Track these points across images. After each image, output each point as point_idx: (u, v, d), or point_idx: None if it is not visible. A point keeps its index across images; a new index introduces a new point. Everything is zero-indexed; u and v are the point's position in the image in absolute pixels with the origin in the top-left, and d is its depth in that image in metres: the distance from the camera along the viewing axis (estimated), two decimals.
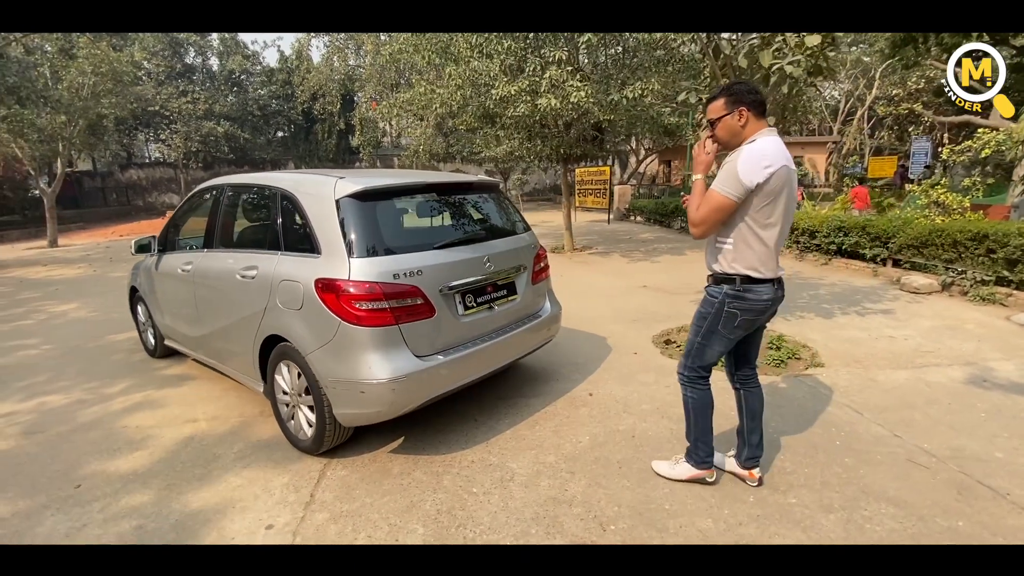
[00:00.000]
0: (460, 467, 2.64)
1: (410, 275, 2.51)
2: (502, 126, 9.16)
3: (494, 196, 3.34)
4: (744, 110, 2.02)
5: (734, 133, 2.06)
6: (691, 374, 2.30)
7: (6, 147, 12.55)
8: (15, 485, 2.61)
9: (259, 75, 22.81)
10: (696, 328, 2.23)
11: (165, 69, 20.06)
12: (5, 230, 15.66)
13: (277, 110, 22.65)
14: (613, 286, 6.78)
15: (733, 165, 1.97)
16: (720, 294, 2.13)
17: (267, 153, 23.43)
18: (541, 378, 3.75)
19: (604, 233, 13.09)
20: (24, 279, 9.12)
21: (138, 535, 2.21)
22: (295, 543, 2.13)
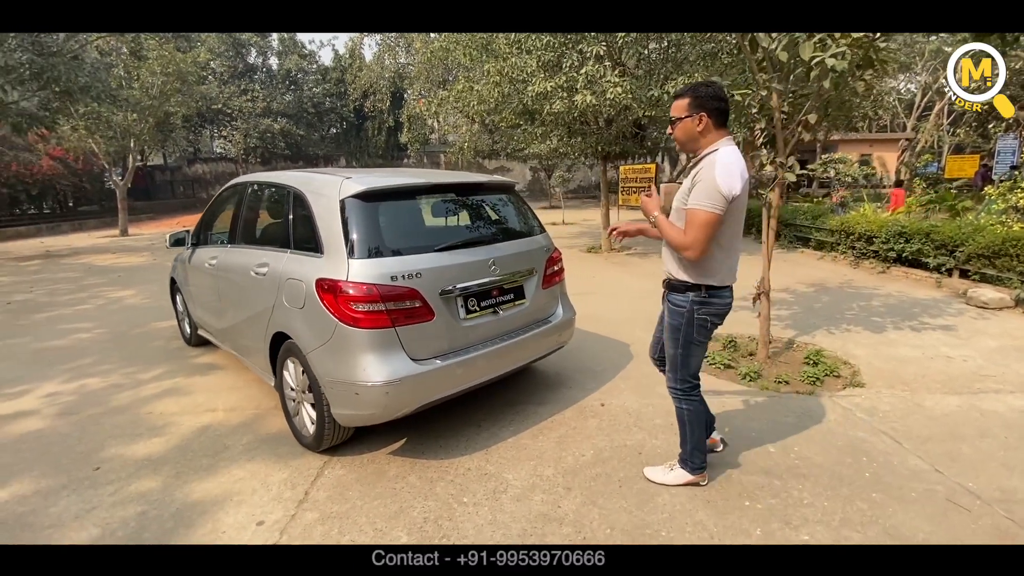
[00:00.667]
0: (455, 474, 2.59)
1: (408, 277, 2.47)
2: (541, 123, 9.04)
3: (507, 197, 3.26)
4: (704, 116, 1.99)
5: (691, 137, 2.05)
6: (683, 386, 2.29)
7: (84, 143, 13.61)
8: (42, 464, 2.78)
9: (314, 74, 23.67)
10: (674, 341, 2.21)
11: (228, 69, 21.20)
12: (84, 219, 17.06)
13: (330, 108, 23.44)
14: (646, 289, 6.54)
15: (711, 180, 1.91)
16: (687, 302, 2.13)
17: (320, 149, 24.32)
18: (553, 384, 3.64)
19: None
20: (92, 265, 9.86)
21: (140, 522, 2.29)
22: (281, 542, 2.15)
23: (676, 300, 2.16)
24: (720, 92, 2.04)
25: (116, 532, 2.22)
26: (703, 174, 1.96)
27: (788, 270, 7.57)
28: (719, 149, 1.99)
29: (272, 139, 21.65)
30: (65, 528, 2.26)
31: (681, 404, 2.30)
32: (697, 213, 1.93)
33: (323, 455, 2.78)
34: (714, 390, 3.49)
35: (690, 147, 2.10)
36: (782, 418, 3.09)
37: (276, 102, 22.00)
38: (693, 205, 1.95)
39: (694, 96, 2.01)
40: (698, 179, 1.96)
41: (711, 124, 2.01)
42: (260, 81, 23.07)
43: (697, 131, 2.02)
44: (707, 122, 2.00)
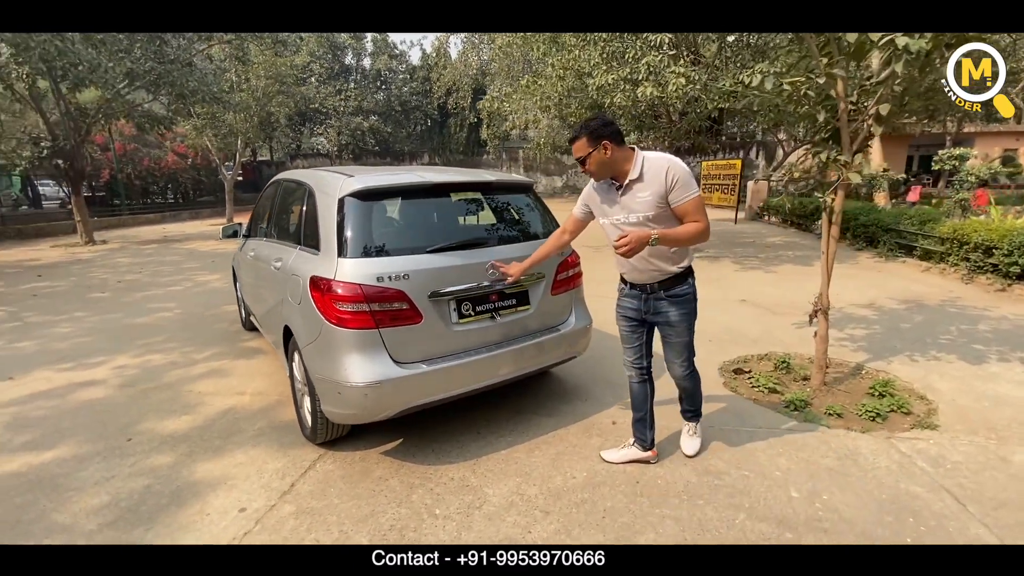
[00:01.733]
0: (437, 482, 2.52)
1: (395, 279, 2.43)
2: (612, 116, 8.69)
3: (520, 197, 3.12)
4: (607, 143, 2.17)
5: (605, 164, 2.22)
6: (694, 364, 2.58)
7: (200, 140, 15.27)
8: (88, 431, 3.10)
9: (403, 73, 24.73)
10: (689, 328, 2.45)
11: (327, 70, 22.78)
12: (200, 208, 19.23)
13: (416, 106, 24.37)
14: (707, 297, 5.97)
15: (685, 172, 2.16)
16: (691, 285, 2.40)
17: (406, 146, 25.41)
18: (567, 395, 3.45)
19: (725, 235, 11.82)
20: (195, 251, 11.04)
21: (142, 495, 2.47)
22: (254, 531, 2.20)
23: (681, 291, 2.36)
24: (607, 118, 2.25)
25: (120, 503, 2.41)
26: (676, 172, 2.15)
27: (880, 281, 6.64)
28: (647, 155, 2.22)
29: (362, 136, 22.96)
30: (83, 493, 2.49)
31: (695, 377, 2.60)
32: (694, 199, 2.16)
33: (321, 448, 2.84)
34: (747, 418, 3.11)
35: (606, 174, 2.27)
36: (819, 458, 2.67)
37: (367, 101, 23.29)
38: (688, 196, 2.15)
39: (588, 132, 2.19)
40: (675, 178, 2.14)
41: (614, 146, 2.18)
42: (355, 81, 24.53)
43: (607, 157, 2.19)
44: (611, 147, 2.18)
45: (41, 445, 2.94)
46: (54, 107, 10.88)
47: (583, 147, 2.21)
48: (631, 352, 2.57)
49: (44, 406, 3.45)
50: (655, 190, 2.16)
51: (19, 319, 5.69)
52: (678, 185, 2.14)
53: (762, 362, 4.03)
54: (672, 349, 2.48)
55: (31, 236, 13.22)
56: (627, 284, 2.48)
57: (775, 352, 4.18)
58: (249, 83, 14.95)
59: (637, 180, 2.20)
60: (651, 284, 2.36)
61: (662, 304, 2.38)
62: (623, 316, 2.52)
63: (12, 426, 3.17)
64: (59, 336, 5.03)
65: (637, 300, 2.44)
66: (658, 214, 2.19)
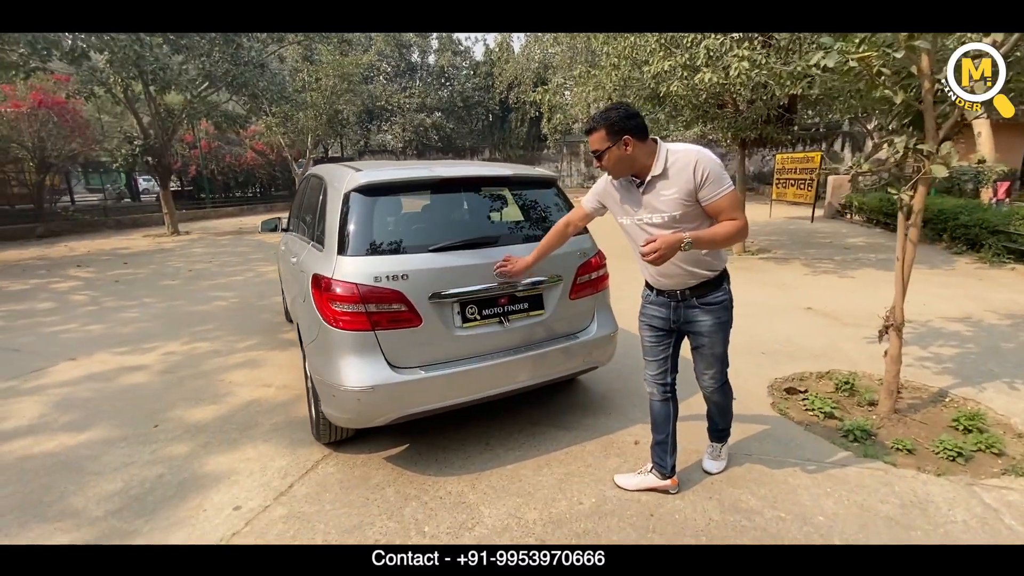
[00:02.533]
0: (433, 496, 2.38)
1: (393, 279, 2.30)
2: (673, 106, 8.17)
3: (540, 193, 2.89)
4: (628, 138, 1.93)
5: (624, 162, 1.98)
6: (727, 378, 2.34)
7: (274, 137, 16.17)
8: (123, 415, 3.25)
9: (466, 69, 24.94)
10: (724, 338, 2.22)
11: (394, 68, 23.43)
12: (275, 202, 20.46)
13: (478, 101, 24.53)
14: (767, 304, 5.51)
15: (717, 166, 1.92)
16: (727, 291, 2.18)
17: (468, 141, 25.66)
18: (592, 408, 3.20)
19: (799, 233, 10.89)
20: (263, 242, 11.67)
21: (153, 484, 2.52)
22: (243, 531, 2.17)
23: (716, 298, 2.14)
24: (630, 109, 1.97)
25: (130, 491, 2.47)
26: (706, 166, 1.90)
27: (980, 291, 5.76)
28: (671, 148, 1.97)
29: (425, 132, 23.43)
30: (102, 478, 2.58)
31: (727, 392, 2.37)
32: (729, 195, 1.92)
33: (327, 448, 2.79)
34: (793, 447, 2.72)
35: (624, 172, 2.03)
36: (877, 503, 2.26)
37: (430, 98, 23.73)
38: (721, 192, 1.91)
39: (606, 125, 1.93)
40: (705, 173, 1.90)
41: (636, 142, 1.94)
42: (420, 79, 25.06)
43: (628, 155, 1.95)
44: (633, 143, 1.94)
45: (79, 426, 3.11)
46: (146, 109, 11.88)
47: (600, 141, 1.96)
48: (654, 365, 2.31)
49: (92, 388, 3.67)
50: (682, 187, 1.93)
51: (97, 303, 6.20)
52: (709, 180, 1.90)
53: (822, 381, 3.56)
54: (704, 360, 2.26)
55: (128, 226, 14.59)
56: (653, 290, 2.24)
57: (839, 370, 3.68)
58: (319, 82, 15.61)
59: (661, 176, 1.96)
60: (682, 291, 2.13)
61: (695, 312, 2.15)
62: (648, 325, 2.28)
63: (60, 405, 3.39)
64: (125, 321, 5.41)
65: (665, 308, 2.20)
66: (685, 213, 1.96)
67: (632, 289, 2.62)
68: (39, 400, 3.47)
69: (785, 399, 3.30)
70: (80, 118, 13.32)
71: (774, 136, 7.76)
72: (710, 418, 2.49)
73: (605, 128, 1.93)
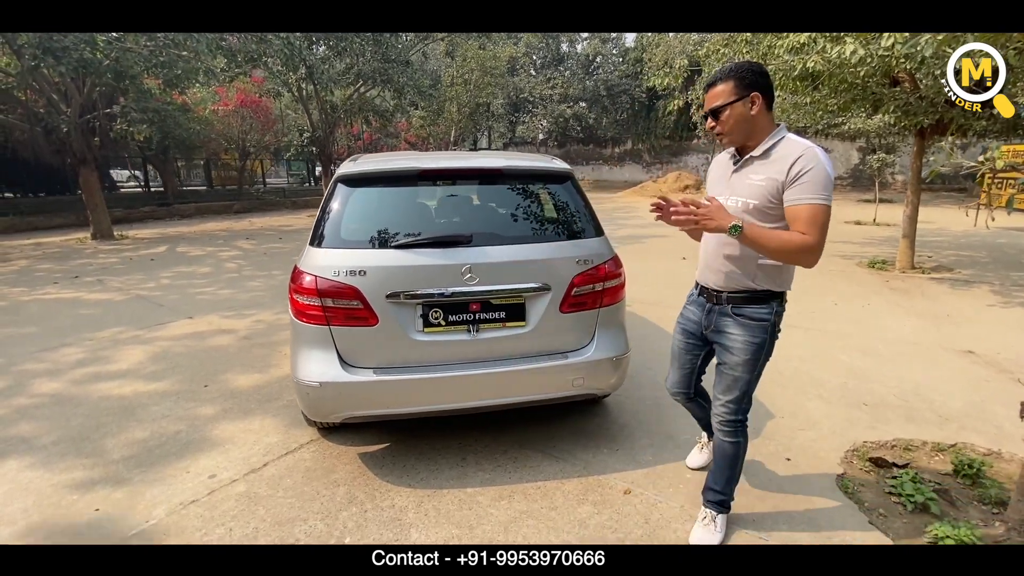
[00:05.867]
0: (375, 506, 2.25)
1: (351, 274, 2.20)
2: (832, 89, 6.80)
3: (550, 187, 2.54)
4: (757, 95, 1.71)
5: (743, 123, 1.74)
6: (746, 416, 1.96)
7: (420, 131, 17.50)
8: (191, 371, 3.72)
9: (614, 57, 24.00)
10: (752, 364, 1.86)
11: (541, 59, 23.61)
12: None
13: (624, 89, 23.44)
14: (908, 340, 4.28)
15: (823, 170, 1.65)
16: (771, 314, 1.84)
17: (610, 132, 24.81)
18: (595, 437, 2.77)
19: (1008, 251, 8.39)
20: None
21: (170, 439, 2.81)
22: (200, 501, 2.29)
23: (757, 313, 1.83)
24: (764, 68, 1.74)
25: (149, 441, 2.79)
26: (810, 164, 1.64)
27: None
28: (791, 136, 1.74)
29: (565, 123, 23.22)
30: (140, 424, 2.97)
31: (738, 437, 1.96)
32: (821, 210, 1.64)
33: (318, 433, 2.84)
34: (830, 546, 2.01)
35: (741, 139, 1.78)
36: None
37: (573, 88, 23.38)
38: (812, 200, 1.64)
39: (738, 77, 1.70)
40: (803, 170, 1.64)
41: (764, 106, 1.72)
42: (569, 69, 24.86)
43: (751, 116, 1.72)
44: (760, 103, 1.71)
45: (156, 377, 3.64)
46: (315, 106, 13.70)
47: (725, 93, 1.72)
48: (676, 375, 2.15)
49: (186, 344, 4.30)
50: (772, 176, 1.70)
51: (239, 272, 7.31)
52: (803, 180, 1.64)
53: (937, 456, 2.60)
54: (723, 381, 1.93)
55: (301, 207, 17.10)
56: (697, 288, 2.04)
57: (973, 445, 2.67)
58: (463, 77, 16.43)
59: (760, 157, 1.75)
60: (719, 292, 1.89)
61: (727, 322, 1.89)
62: (681, 328, 2.10)
63: (156, 357, 4.02)
64: (249, 289, 6.28)
65: (700, 310, 1.99)
66: (763, 208, 1.73)
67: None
68: (144, 349, 4.16)
69: (867, 472, 2.48)
70: (271, 115, 15.91)
71: (967, 122, 5.96)
72: (710, 475, 2.05)
73: (735, 79, 1.70)
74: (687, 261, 7.71)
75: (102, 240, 10.39)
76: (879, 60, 5.30)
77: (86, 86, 9.40)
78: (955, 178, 19.94)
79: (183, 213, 14.94)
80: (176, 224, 13.41)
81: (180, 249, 9.47)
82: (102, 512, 2.24)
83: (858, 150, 20.23)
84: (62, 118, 9.38)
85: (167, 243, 10.17)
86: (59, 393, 3.39)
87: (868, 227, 11.48)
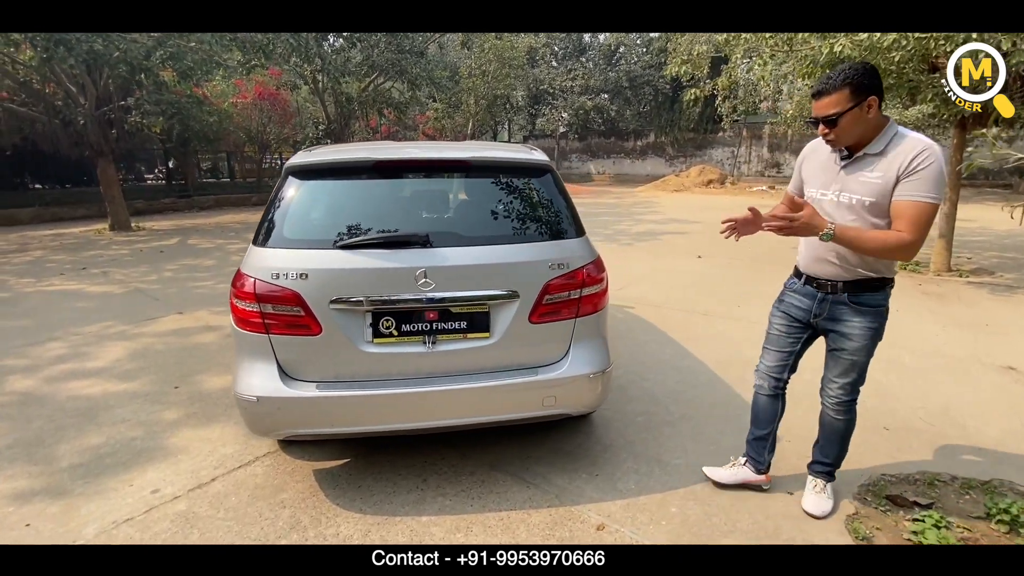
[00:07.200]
0: (317, 533, 2.04)
1: (292, 277, 1.98)
2: None
3: (515, 182, 2.26)
4: (874, 99, 1.70)
5: (859, 126, 1.74)
6: (857, 397, 2.06)
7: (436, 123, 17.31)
8: (165, 371, 3.59)
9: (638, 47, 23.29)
10: (869, 348, 1.94)
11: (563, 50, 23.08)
12: None
13: (647, 80, 22.71)
14: (942, 352, 3.87)
15: (938, 167, 1.67)
16: (886, 299, 1.92)
17: (632, 124, 24.15)
18: (578, 462, 2.50)
19: None
20: None
21: (121, 448, 2.66)
22: (136, 518, 2.12)
23: (874, 300, 1.89)
24: (875, 68, 1.74)
25: (101, 449, 2.65)
26: (927, 160, 1.67)
27: None
28: (906, 132, 1.76)
29: (585, 116, 22.68)
30: (99, 428, 2.83)
31: (851, 415, 2.08)
32: (927, 207, 1.69)
33: (277, 443, 2.66)
34: None
35: (852, 141, 1.79)
36: None
37: (595, 79, 22.79)
38: (920, 198, 1.68)
39: (853, 84, 1.69)
40: (919, 166, 1.68)
41: (878, 106, 1.73)
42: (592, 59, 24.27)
43: (868, 119, 1.74)
44: (876, 105, 1.72)
45: (129, 376, 3.52)
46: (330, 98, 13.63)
47: (841, 101, 1.70)
48: (773, 357, 2.14)
49: (168, 341, 4.18)
50: (889, 172, 1.72)
51: None
52: (918, 177, 1.67)
53: (965, 496, 2.26)
54: (839, 366, 1.99)
55: None
56: (801, 278, 2.05)
57: (1010, 482, 2.31)
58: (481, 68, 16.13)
59: (878, 155, 1.76)
60: (833, 282, 1.91)
61: (843, 311, 1.93)
62: (784, 313, 2.10)
63: (135, 355, 3.90)
64: None
65: (810, 300, 2.00)
66: (878, 204, 1.76)
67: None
68: (126, 346, 4.06)
69: (883, 511, 2.15)
70: (288, 107, 15.93)
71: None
72: (816, 445, 2.18)
73: (851, 87, 1.69)
74: (702, 260, 7.33)
75: (119, 231, 10.52)
76: (915, 43, 4.84)
77: (101, 78, 9.48)
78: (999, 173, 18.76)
79: (202, 205, 15.11)
80: (194, 216, 13.56)
81: (191, 241, 9.50)
82: (32, 528, 2.09)
83: None
84: (79, 110, 9.48)
85: (180, 235, 10.24)
86: (29, 392, 3.30)
87: None
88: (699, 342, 4.06)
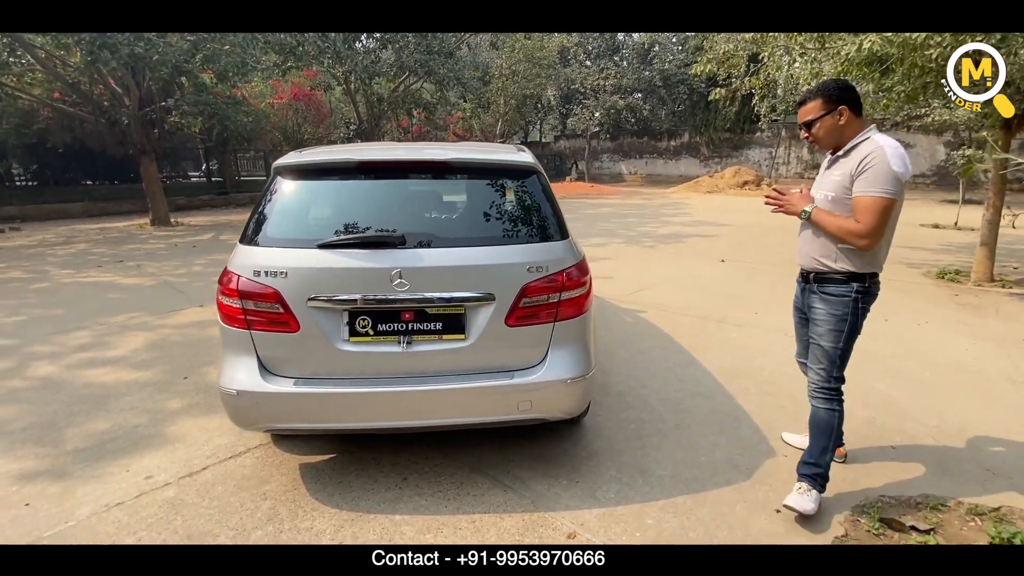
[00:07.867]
0: (292, 527, 2.08)
1: (273, 275, 2.03)
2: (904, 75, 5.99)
3: (499, 184, 2.24)
4: (845, 109, 1.98)
5: (833, 132, 2.02)
6: (838, 384, 2.16)
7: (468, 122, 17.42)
8: (177, 362, 3.73)
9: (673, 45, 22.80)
10: (836, 334, 2.10)
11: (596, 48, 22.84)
12: None
13: (681, 79, 22.20)
14: (968, 368, 3.63)
15: (885, 165, 1.88)
16: (850, 292, 2.06)
17: (666, 123, 23.68)
18: (559, 466, 2.46)
19: None
20: None
21: (124, 434, 2.78)
22: (126, 503, 2.21)
23: (835, 291, 2.08)
24: (849, 84, 2.03)
25: (105, 435, 2.77)
26: (873, 160, 1.90)
27: None
28: (873, 136, 1.97)
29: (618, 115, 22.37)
30: (107, 415, 2.97)
31: (832, 406, 2.16)
32: (877, 201, 1.90)
33: (269, 436, 2.72)
34: None
35: (831, 143, 2.07)
36: None
37: (627, 78, 22.44)
38: (867, 192, 1.91)
39: (824, 95, 2.00)
40: (866, 166, 1.91)
41: (851, 115, 1.99)
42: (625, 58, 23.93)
43: (840, 125, 2.00)
44: (848, 114, 1.98)
45: (143, 365, 3.68)
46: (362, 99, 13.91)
47: (816, 109, 2.02)
48: (799, 344, 2.41)
49: (185, 333, 4.35)
50: (846, 171, 1.97)
51: None
52: (867, 173, 1.90)
53: (969, 522, 2.10)
54: (813, 353, 2.19)
55: None
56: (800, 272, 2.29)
57: (1021, 510, 2.14)
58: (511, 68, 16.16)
59: (843, 156, 2.02)
60: (808, 272, 2.18)
61: (813, 299, 2.16)
62: (794, 306, 2.37)
63: (152, 344, 4.08)
64: None
65: (800, 290, 2.29)
66: (839, 198, 2.00)
67: None
68: (145, 336, 4.25)
69: (875, 534, 2.03)
70: (323, 107, 16.35)
71: None
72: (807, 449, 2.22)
73: (822, 98, 1.99)
74: (726, 264, 7.12)
75: (159, 226, 11.04)
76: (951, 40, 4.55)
77: (144, 80, 9.95)
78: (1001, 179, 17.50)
79: (239, 202, 15.69)
80: (230, 212, 14.09)
81: (223, 237, 9.88)
82: (31, 508, 2.21)
83: (944, 145, 18.17)
84: (123, 111, 9.98)
85: (214, 230, 10.66)
86: (51, 377, 3.49)
87: (947, 231, 10.20)
88: (708, 349, 3.94)
